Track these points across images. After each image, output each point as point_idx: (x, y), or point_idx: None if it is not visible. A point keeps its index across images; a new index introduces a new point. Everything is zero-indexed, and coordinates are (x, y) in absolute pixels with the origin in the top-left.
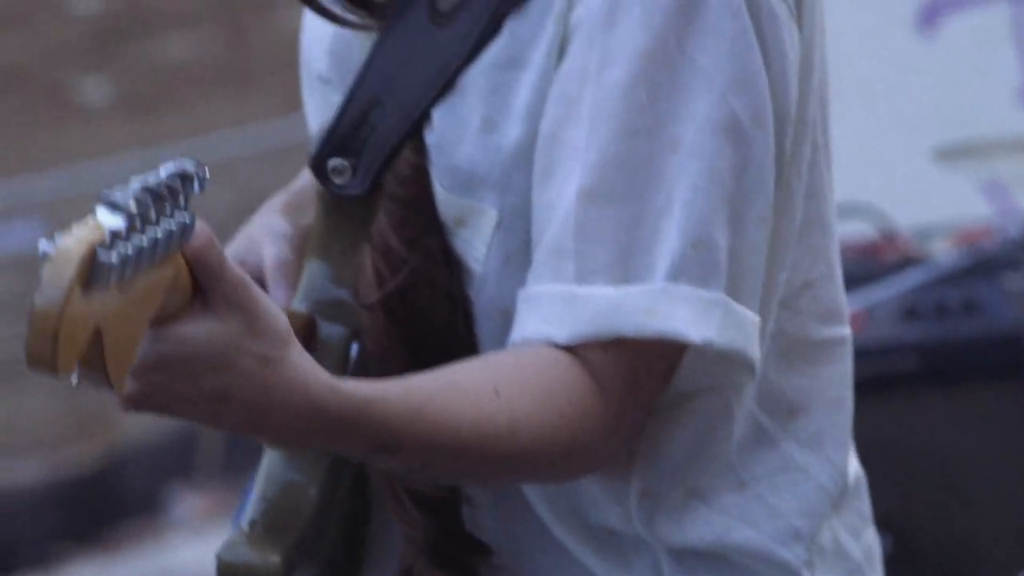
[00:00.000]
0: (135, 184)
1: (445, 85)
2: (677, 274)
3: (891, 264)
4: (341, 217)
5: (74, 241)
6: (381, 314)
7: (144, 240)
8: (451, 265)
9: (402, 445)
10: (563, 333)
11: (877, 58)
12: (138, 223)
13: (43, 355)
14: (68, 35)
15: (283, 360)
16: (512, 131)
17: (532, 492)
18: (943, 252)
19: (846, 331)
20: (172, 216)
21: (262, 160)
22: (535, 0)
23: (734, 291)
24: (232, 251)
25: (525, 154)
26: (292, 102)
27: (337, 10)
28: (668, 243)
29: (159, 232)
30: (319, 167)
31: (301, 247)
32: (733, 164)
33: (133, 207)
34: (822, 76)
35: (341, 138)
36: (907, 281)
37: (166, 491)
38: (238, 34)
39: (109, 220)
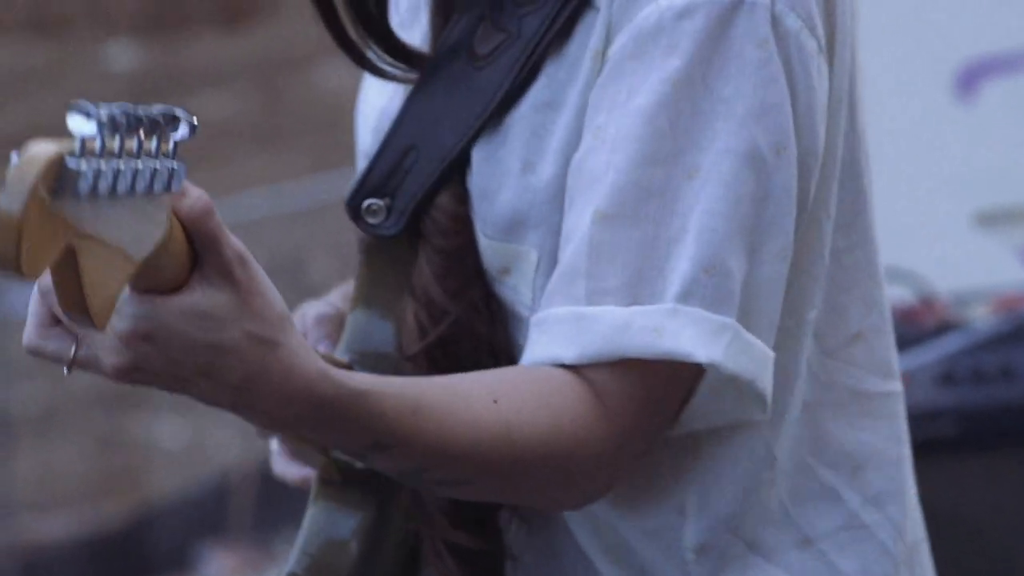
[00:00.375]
0: (114, 105)
1: (482, 126)
2: (687, 297)
3: (929, 329)
4: (382, 266)
5: (42, 147)
6: (424, 364)
7: (121, 164)
8: (493, 315)
9: (395, 442)
10: (570, 353)
11: (915, 124)
12: (115, 144)
13: (6, 256)
14: (103, 93)
15: (279, 343)
16: (547, 170)
17: (595, 552)
18: (981, 318)
19: (899, 387)
20: (157, 156)
21: (294, 219)
22: (573, 42)
23: (746, 321)
24: None
25: (559, 191)
26: (324, 162)
27: (381, 64)
28: (680, 267)
29: (140, 164)
30: (354, 208)
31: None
32: (752, 193)
33: (105, 118)
34: (862, 118)
35: (377, 180)
36: (945, 346)
37: (196, 548)
38: (272, 94)
39: (80, 126)
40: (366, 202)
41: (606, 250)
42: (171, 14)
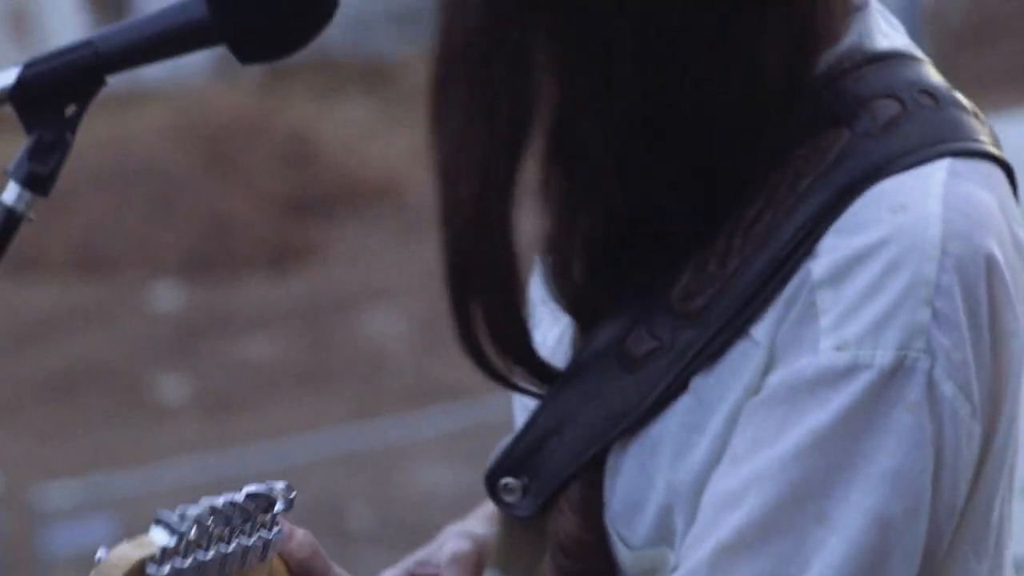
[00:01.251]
0: (202, 507)
1: (624, 432)
2: None
3: None
4: (518, 535)
5: (124, 551)
6: None
7: (210, 555)
8: None
9: None
10: None
11: None
12: (204, 541)
13: None
14: (150, 333)
15: None
16: (687, 485)
17: None
18: None
19: None
20: (249, 533)
21: (337, 464)
22: (725, 363)
23: None
24: (419, 554)
25: (696, 502)
26: (368, 407)
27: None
28: None
29: (231, 548)
30: (492, 483)
31: (485, 550)
32: (876, 551)
33: (189, 529)
34: (1013, 460)
35: (517, 459)
36: None
37: None
38: (317, 337)
39: (161, 538)
40: (503, 480)
41: None
42: (218, 256)
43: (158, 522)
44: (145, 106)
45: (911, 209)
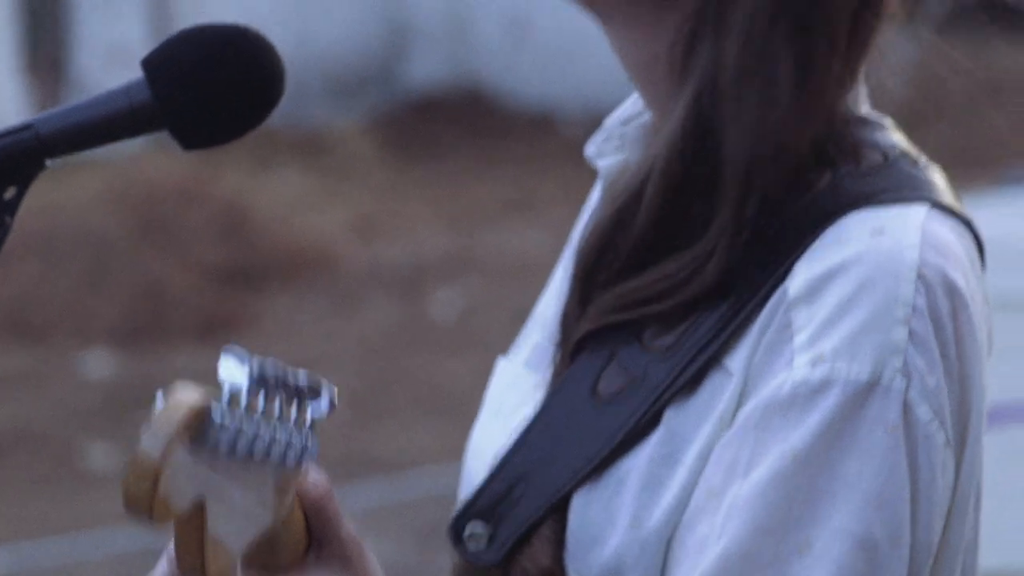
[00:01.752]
0: (264, 363)
1: (593, 470)
2: None
3: None
4: None
5: (189, 393)
6: None
7: (260, 428)
8: None
9: None
10: None
11: None
12: (258, 403)
13: (140, 497)
14: (80, 400)
15: None
16: (654, 524)
17: None
18: None
19: None
20: (294, 427)
21: None
22: (698, 397)
23: None
24: None
25: (663, 544)
26: None
27: None
28: None
29: (277, 432)
30: (457, 531)
31: None
32: (862, 575)
33: (256, 370)
34: (976, 518)
35: (484, 505)
36: None
37: None
38: None
39: (231, 374)
40: (469, 526)
41: None
42: (150, 325)
43: (228, 354)
44: (79, 173)
45: (889, 234)
